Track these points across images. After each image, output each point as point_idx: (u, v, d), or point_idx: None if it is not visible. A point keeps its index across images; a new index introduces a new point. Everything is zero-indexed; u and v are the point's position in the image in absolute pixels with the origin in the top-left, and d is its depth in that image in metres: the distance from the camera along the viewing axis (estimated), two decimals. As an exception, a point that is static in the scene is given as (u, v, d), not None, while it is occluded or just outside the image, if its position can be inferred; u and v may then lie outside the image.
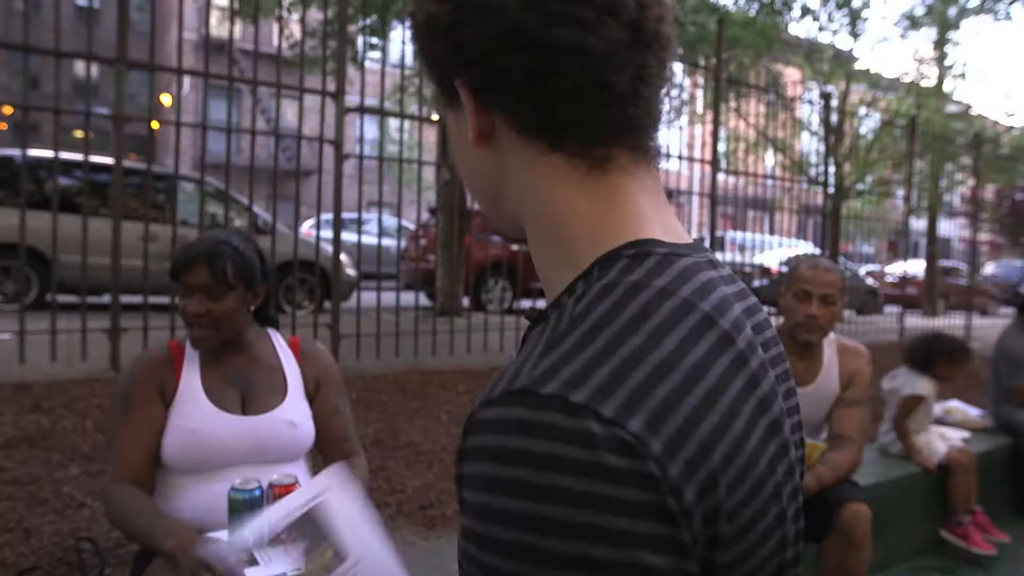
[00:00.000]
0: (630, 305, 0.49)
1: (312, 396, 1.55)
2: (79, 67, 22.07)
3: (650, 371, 0.45)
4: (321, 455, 1.58)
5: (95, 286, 5.92)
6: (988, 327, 9.50)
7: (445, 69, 0.56)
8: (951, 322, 9.24)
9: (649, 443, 0.43)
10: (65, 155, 5.07)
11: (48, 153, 6.25)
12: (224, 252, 1.41)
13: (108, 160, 5.62)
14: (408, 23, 0.59)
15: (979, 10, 11.57)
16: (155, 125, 3.93)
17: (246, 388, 1.47)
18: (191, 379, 1.45)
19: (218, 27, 16.62)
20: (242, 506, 1.24)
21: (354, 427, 1.60)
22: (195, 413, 1.41)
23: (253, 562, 1.13)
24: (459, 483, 0.47)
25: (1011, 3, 11.42)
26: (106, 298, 4.42)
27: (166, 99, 18.78)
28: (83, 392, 3.31)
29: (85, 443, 2.76)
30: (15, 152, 6.78)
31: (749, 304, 0.59)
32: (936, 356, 3.04)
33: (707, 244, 6.05)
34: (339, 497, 1.11)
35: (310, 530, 1.08)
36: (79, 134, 18.73)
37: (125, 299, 3.95)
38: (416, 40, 0.57)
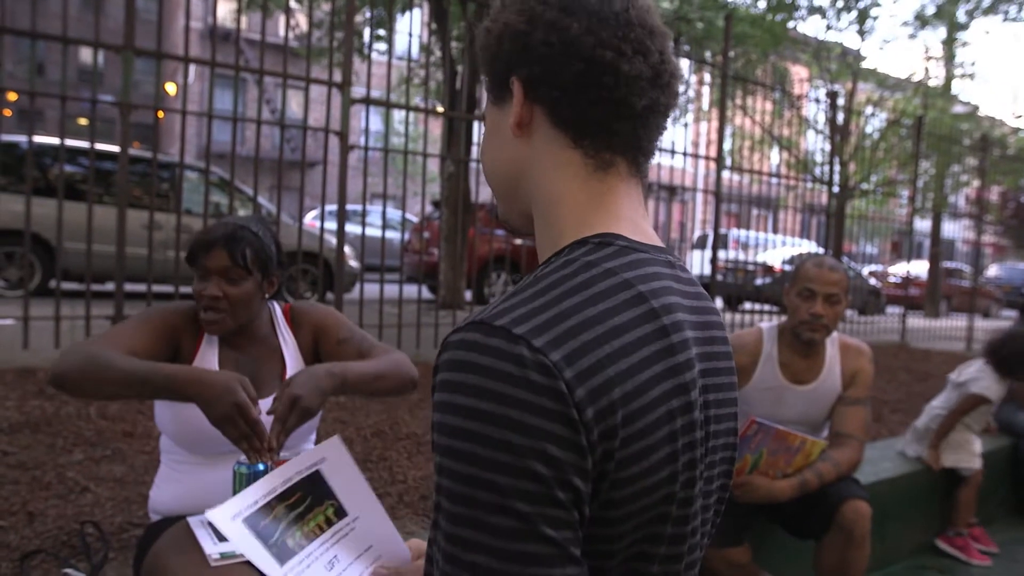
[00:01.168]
0: (579, 276, 0.63)
1: (315, 356, 1.54)
2: (85, 54, 22.07)
3: (578, 323, 0.60)
4: None
5: (99, 273, 5.95)
6: (990, 329, 9.50)
7: (507, 66, 0.70)
8: (953, 323, 9.24)
9: (564, 370, 0.57)
10: (70, 142, 5.08)
11: (53, 140, 6.28)
12: (244, 236, 1.41)
13: (113, 148, 5.63)
14: (480, 30, 0.74)
15: (989, 10, 11.50)
16: (160, 114, 3.93)
17: (252, 377, 1.47)
18: (208, 355, 1.44)
19: (225, 16, 16.61)
20: (245, 480, 1.24)
21: (370, 338, 1.54)
22: None
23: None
24: (432, 391, 0.61)
25: (1022, 4, 11.36)
26: (110, 286, 4.44)
27: (171, 88, 18.78)
28: (86, 379, 3.31)
29: (88, 428, 2.77)
30: (20, 138, 6.80)
31: (700, 304, 0.72)
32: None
33: (710, 240, 6.03)
34: (336, 465, 1.20)
35: (313, 489, 1.17)
36: (84, 121, 18.76)
37: (129, 287, 3.96)
38: (486, 44, 0.72)
